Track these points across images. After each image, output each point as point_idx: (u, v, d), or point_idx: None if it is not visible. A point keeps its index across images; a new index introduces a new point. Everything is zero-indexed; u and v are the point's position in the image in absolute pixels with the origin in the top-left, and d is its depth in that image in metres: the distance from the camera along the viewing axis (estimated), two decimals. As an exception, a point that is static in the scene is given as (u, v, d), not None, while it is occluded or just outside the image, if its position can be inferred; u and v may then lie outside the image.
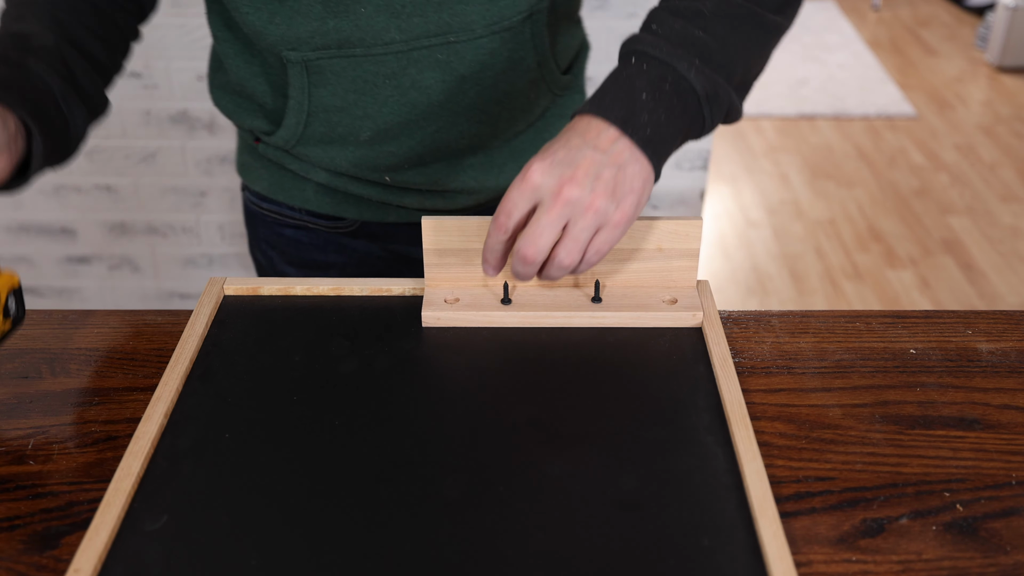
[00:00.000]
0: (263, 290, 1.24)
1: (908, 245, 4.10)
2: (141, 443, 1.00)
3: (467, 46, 1.28)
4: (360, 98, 1.30)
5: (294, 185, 1.49)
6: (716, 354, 1.12)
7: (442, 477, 0.96)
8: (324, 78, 1.29)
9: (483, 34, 1.27)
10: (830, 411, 1.08)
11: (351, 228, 1.52)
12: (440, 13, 1.24)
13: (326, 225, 1.52)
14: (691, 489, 0.95)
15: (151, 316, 1.24)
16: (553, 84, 1.42)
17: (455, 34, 1.26)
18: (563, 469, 0.97)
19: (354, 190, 1.44)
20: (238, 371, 1.11)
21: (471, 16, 1.25)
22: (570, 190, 1.02)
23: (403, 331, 1.17)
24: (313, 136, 1.36)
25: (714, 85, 1.09)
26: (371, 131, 1.33)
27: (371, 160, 1.37)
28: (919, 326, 1.22)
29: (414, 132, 1.34)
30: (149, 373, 1.14)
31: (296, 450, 1.00)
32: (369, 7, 1.22)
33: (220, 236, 3.05)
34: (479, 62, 1.30)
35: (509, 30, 1.29)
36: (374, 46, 1.26)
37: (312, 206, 1.49)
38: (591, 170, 1.03)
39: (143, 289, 3.17)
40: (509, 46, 1.30)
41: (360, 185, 1.43)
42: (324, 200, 1.48)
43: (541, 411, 1.04)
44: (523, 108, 1.40)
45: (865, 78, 5.76)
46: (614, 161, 1.04)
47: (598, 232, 1.05)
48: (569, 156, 1.04)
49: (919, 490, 0.97)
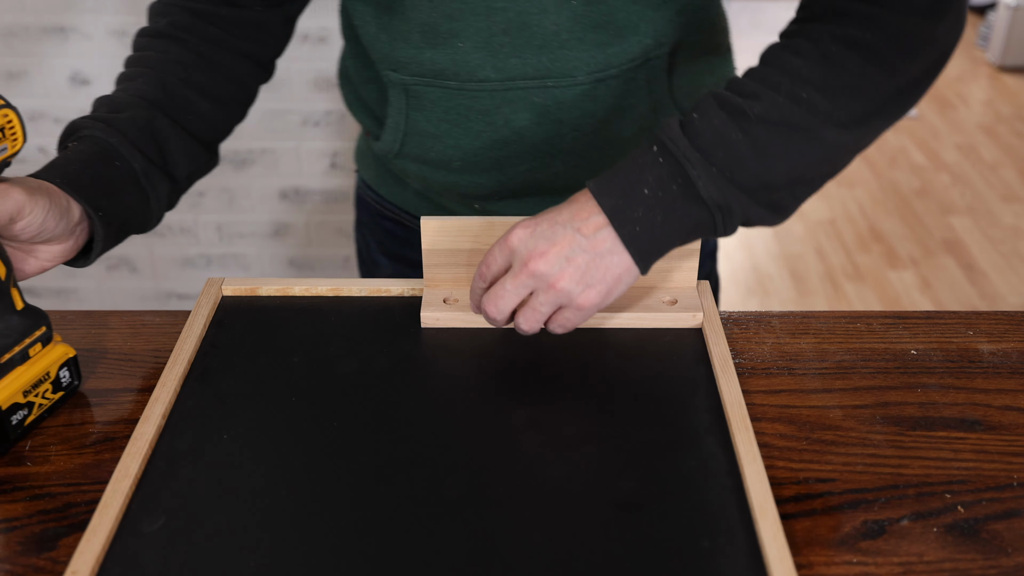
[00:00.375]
0: (261, 290, 1.24)
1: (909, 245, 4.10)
2: (139, 444, 1.00)
3: (567, 91, 1.24)
4: (452, 128, 1.29)
5: (395, 183, 1.50)
6: (716, 355, 1.12)
7: (441, 478, 0.96)
8: (420, 103, 1.29)
9: (585, 81, 1.23)
10: (831, 412, 1.08)
11: None
12: (539, 56, 1.21)
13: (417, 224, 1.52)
14: (691, 490, 0.95)
15: (149, 317, 1.24)
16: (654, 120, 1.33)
17: (554, 79, 1.23)
18: (563, 470, 0.97)
19: (447, 205, 1.44)
20: (236, 372, 1.11)
21: (573, 63, 1.21)
22: (537, 264, 1.03)
23: (402, 332, 1.17)
24: (409, 154, 1.36)
25: (727, 198, 1.03)
26: (461, 161, 1.32)
27: (462, 188, 1.37)
28: (920, 327, 1.22)
29: (505, 168, 1.32)
30: (147, 374, 1.14)
31: (294, 451, 1.00)
32: (467, 43, 1.21)
33: (218, 236, 3.05)
34: (579, 108, 1.25)
35: (617, 78, 1.24)
36: (468, 81, 1.24)
37: (410, 207, 1.50)
38: (565, 251, 1.03)
39: (141, 289, 3.17)
40: (616, 93, 1.25)
41: (454, 203, 1.43)
42: (422, 205, 1.49)
43: (540, 412, 1.04)
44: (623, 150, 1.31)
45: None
46: (593, 248, 1.03)
47: (560, 309, 1.06)
48: (551, 231, 1.04)
49: (920, 492, 0.97)
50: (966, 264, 3.97)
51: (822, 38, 1.05)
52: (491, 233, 1.18)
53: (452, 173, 1.35)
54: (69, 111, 2.79)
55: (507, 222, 1.17)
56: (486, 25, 1.19)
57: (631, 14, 1.19)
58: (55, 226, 1.06)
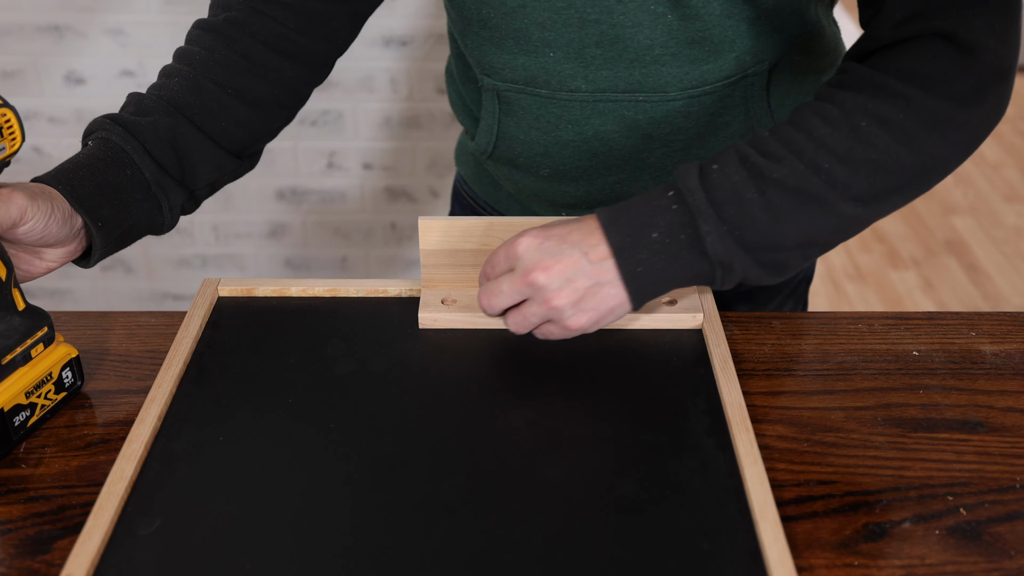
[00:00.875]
0: (258, 291, 1.24)
1: (911, 246, 4.10)
2: (134, 446, 1.00)
3: (657, 106, 1.23)
4: (542, 136, 1.30)
5: (491, 184, 1.51)
6: (716, 356, 1.12)
7: (439, 480, 0.96)
8: (511, 108, 1.30)
9: (678, 97, 1.22)
10: (832, 414, 1.08)
11: None
12: (632, 70, 1.21)
13: None
14: (691, 493, 0.95)
15: (144, 317, 1.24)
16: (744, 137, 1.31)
17: (645, 94, 1.22)
18: (562, 473, 0.97)
19: (537, 210, 1.45)
20: (232, 373, 1.11)
21: (665, 78, 1.21)
22: (538, 276, 1.04)
23: (399, 333, 1.17)
24: (501, 157, 1.37)
25: (731, 256, 1.04)
26: (550, 169, 1.33)
27: (549, 195, 1.37)
28: (922, 328, 1.22)
29: (593, 179, 1.33)
30: (142, 375, 1.14)
31: (291, 453, 1.00)
32: (559, 52, 1.21)
33: (214, 237, 3.04)
34: (670, 124, 1.25)
35: (711, 94, 1.23)
36: (559, 91, 1.25)
37: (503, 208, 1.52)
38: (568, 271, 1.04)
39: (136, 290, 3.17)
40: (710, 110, 1.25)
41: (543, 208, 1.43)
42: (513, 207, 1.50)
43: (539, 414, 1.05)
44: None
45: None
46: (596, 275, 1.05)
47: (549, 322, 1.08)
48: (558, 248, 1.05)
49: (922, 494, 0.97)
50: (968, 265, 3.97)
51: (854, 110, 1.04)
52: (490, 234, 1.18)
53: (540, 180, 1.36)
54: (64, 110, 2.79)
55: (507, 223, 1.17)
56: (579, 36, 1.19)
57: (726, 30, 1.18)
58: (58, 231, 1.06)
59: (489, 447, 1.00)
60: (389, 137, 2.82)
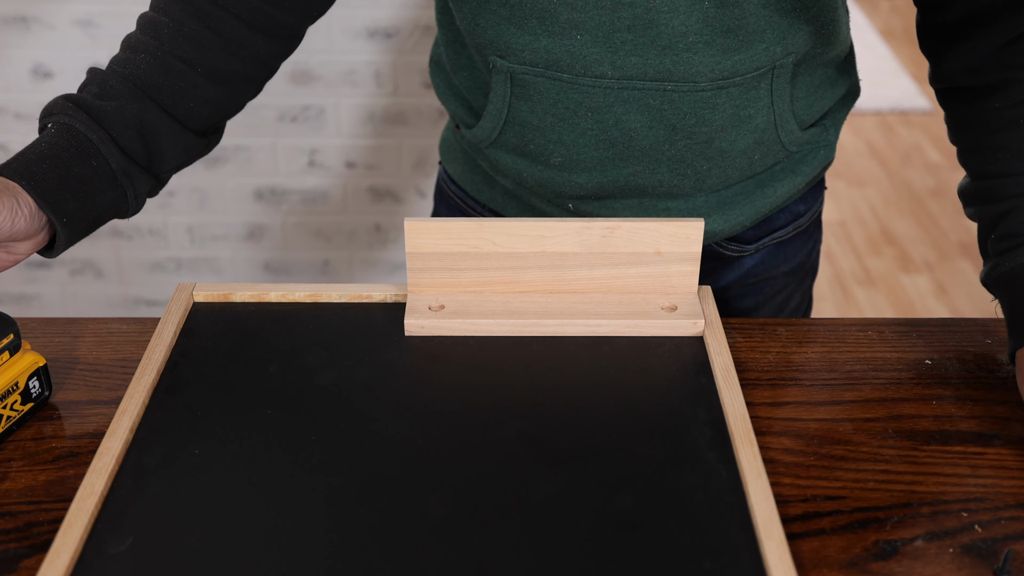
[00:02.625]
0: (235, 296, 1.24)
1: (923, 248, 4.10)
2: (105, 460, 0.99)
3: (685, 97, 1.24)
4: (557, 123, 1.29)
5: (483, 181, 1.50)
6: (718, 364, 1.12)
7: (426, 496, 0.96)
8: (526, 92, 1.29)
9: (707, 88, 1.23)
10: (840, 426, 1.08)
11: None
12: (662, 58, 1.21)
13: None
14: (692, 509, 0.95)
15: (115, 324, 1.24)
16: (789, 143, 1.34)
17: (674, 83, 1.23)
18: (555, 487, 0.97)
19: (538, 205, 1.44)
20: (208, 383, 1.11)
21: (697, 67, 1.21)
22: None
23: (385, 340, 1.17)
24: (506, 144, 1.36)
25: None
26: (562, 157, 1.32)
27: (557, 185, 1.36)
28: (935, 335, 1.22)
29: (607, 169, 1.32)
30: (113, 385, 1.14)
31: (270, 467, 1.00)
32: (586, 36, 1.21)
33: (189, 239, 3.04)
34: (696, 116, 1.26)
35: (739, 86, 1.25)
36: (583, 76, 1.24)
37: (496, 206, 1.51)
38: None
39: (107, 295, 3.17)
40: (736, 102, 1.26)
41: (545, 203, 1.43)
42: (509, 204, 1.49)
43: (532, 426, 1.05)
44: (741, 167, 1.34)
45: (877, 70, 5.77)
46: None
47: None
48: None
49: (935, 510, 0.98)
50: (984, 268, 3.97)
51: None
52: (480, 236, 1.18)
53: (549, 169, 1.35)
54: (31, 106, 2.78)
55: (498, 225, 1.17)
56: (610, 19, 1.19)
57: (761, 19, 1.19)
58: (27, 227, 1.07)
59: (479, 461, 1.00)
60: (373, 134, 2.82)
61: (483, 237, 1.18)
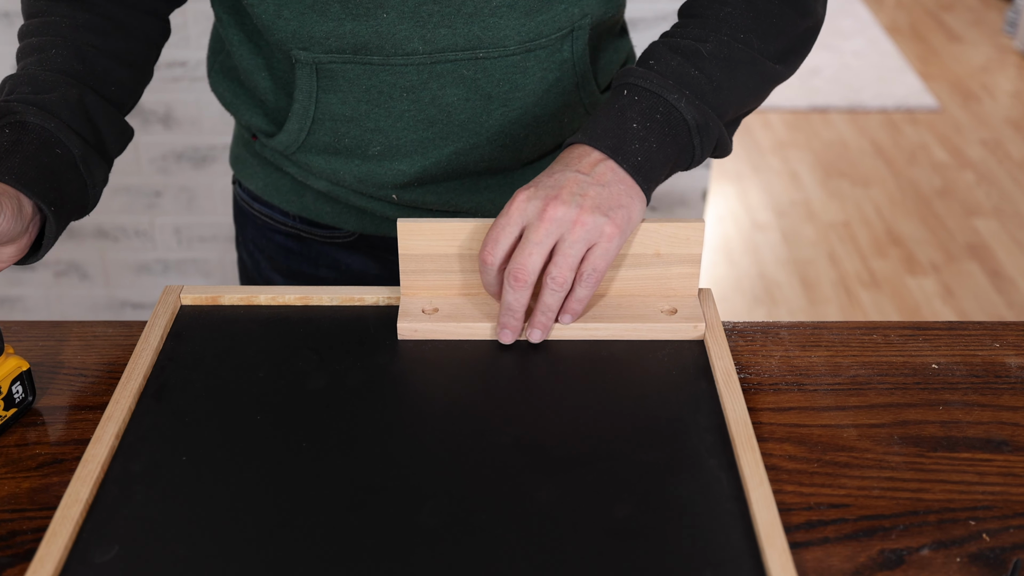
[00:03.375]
0: (223, 299, 1.24)
1: (930, 250, 4.11)
2: (90, 467, 0.99)
3: (497, 63, 1.28)
4: (372, 109, 1.30)
5: (291, 189, 1.49)
6: (719, 369, 1.12)
7: (420, 504, 0.96)
8: (335, 83, 1.29)
9: (516, 51, 1.28)
10: (844, 432, 1.08)
11: (349, 239, 1.51)
12: (470, 26, 1.24)
13: (321, 235, 1.52)
14: (692, 517, 0.95)
15: (101, 328, 1.24)
16: (590, 104, 1.42)
17: (485, 49, 1.26)
18: (552, 495, 0.97)
19: (356, 202, 1.44)
20: (196, 388, 1.11)
21: (504, 31, 1.25)
22: (555, 208, 1.10)
23: (377, 344, 1.17)
24: (316, 145, 1.36)
25: (704, 116, 1.19)
26: (381, 146, 1.33)
27: (378, 176, 1.37)
28: (942, 339, 1.22)
29: (429, 151, 1.34)
30: (99, 390, 1.14)
31: (259, 474, 1.00)
32: (392, 13, 1.22)
33: (176, 240, 3.04)
34: (509, 82, 1.30)
35: (545, 48, 1.30)
36: (394, 55, 1.25)
37: (309, 214, 1.49)
38: (576, 189, 1.11)
39: (92, 298, 3.17)
40: (544, 66, 1.32)
41: (364, 199, 1.43)
42: (323, 209, 1.48)
43: (528, 432, 1.05)
44: (553, 132, 1.40)
45: (883, 67, 5.77)
46: (598, 181, 1.12)
47: (591, 249, 1.12)
48: (551, 180, 1.13)
49: (942, 518, 0.98)
50: (992, 271, 3.98)
51: None
52: (475, 236, 1.18)
53: (368, 161, 1.36)
54: None
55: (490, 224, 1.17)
56: None
57: None
58: (10, 228, 1.07)
59: (474, 467, 1.00)
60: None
61: (478, 238, 1.18)
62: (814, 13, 1.28)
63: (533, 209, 1.11)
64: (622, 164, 1.14)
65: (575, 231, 1.10)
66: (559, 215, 1.09)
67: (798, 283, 3.92)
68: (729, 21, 1.23)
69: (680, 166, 1.21)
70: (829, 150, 4.91)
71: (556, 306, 1.13)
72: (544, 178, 1.14)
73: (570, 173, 1.13)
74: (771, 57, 1.25)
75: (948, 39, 6.20)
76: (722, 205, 4.43)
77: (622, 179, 1.14)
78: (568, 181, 1.12)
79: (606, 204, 1.11)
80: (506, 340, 1.15)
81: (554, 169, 1.15)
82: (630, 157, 1.15)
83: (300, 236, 1.53)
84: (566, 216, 1.10)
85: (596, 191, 1.11)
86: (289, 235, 1.54)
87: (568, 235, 1.10)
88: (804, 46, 1.30)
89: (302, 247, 1.54)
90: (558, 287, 1.11)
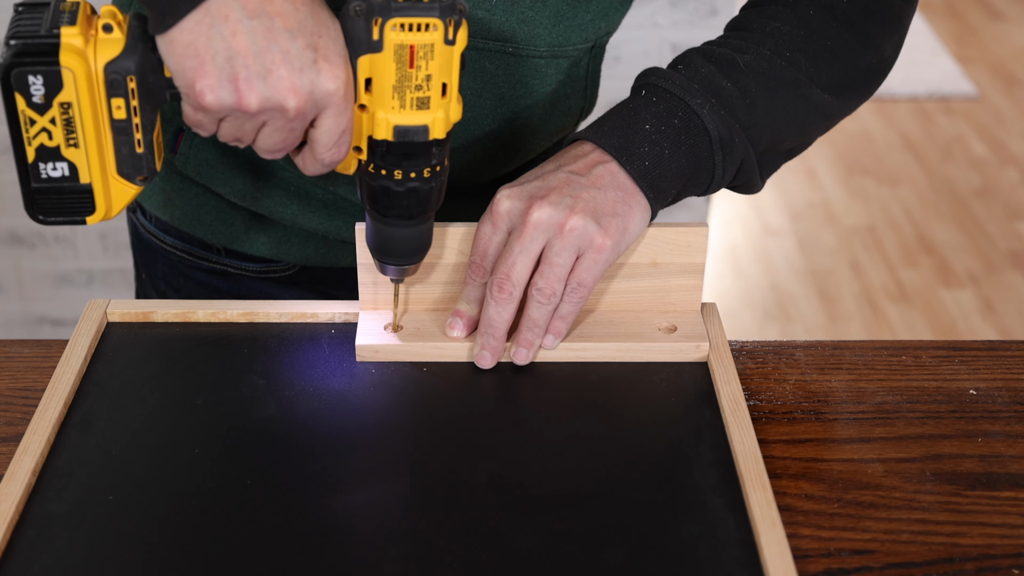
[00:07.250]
0: (156, 315, 1.24)
1: (967, 259, 4.12)
2: (3, 507, 0.99)
3: (522, 63, 1.27)
4: None
5: (216, 217, 1.42)
6: (725, 395, 1.12)
7: (382, 551, 0.96)
8: None
9: (544, 54, 1.28)
10: (869, 467, 1.08)
11: (288, 272, 1.47)
12: (508, 15, 1.23)
13: (253, 270, 1.46)
14: (694, 564, 0.95)
15: (15, 347, 1.24)
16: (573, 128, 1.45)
17: (516, 45, 1.26)
18: (533, 540, 0.97)
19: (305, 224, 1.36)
20: (125, 417, 1.11)
21: (537, 28, 1.25)
22: (540, 210, 1.10)
23: (332, 367, 1.17)
24: None
25: (730, 131, 1.17)
26: None
27: None
28: (981, 360, 1.23)
29: None
30: (13, 419, 1.14)
31: (197, 516, 1.00)
32: None
33: (102, 248, 3.04)
34: (525, 86, 1.30)
35: (569, 58, 1.31)
36: None
37: (239, 245, 1.43)
38: (567, 191, 1.11)
39: (5, 313, 3.16)
40: (561, 78, 1.33)
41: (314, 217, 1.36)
42: (258, 239, 1.41)
43: (506, 468, 1.05)
44: (543, 153, 1.42)
45: (912, 48, 5.78)
46: (594, 184, 1.12)
47: (578, 259, 1.12)
48: (541, 180, 1.13)
49: (980, 566, 0.98)
50: (1038, 282, 3.99)
51: (800, 2, 1.23)
52: (440, 242, 1.18)
53: None
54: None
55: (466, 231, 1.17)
56: None
57: None
58: None
59: (444, 509, 1.00)
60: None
61: (445, 244, 1.18)
62: (879, 49, 1.26)
63: (518, 209, 1.12)
64: (626, 166, 1.14)
65: (563, 236, 1.10)
66: (544, 218, 1.10)
67: (816, 296, 3.93)
68: (776, 36, 1.21)
69: (696, 185, 1.19)
70: (851, 144, 4.91)
71: (544, 321, 1.13)
72: (532, 176, 1.14)
73: (562, 173, 1.13)
74: (822, 85, 1.22)
75: (988, 16, 6.22)
76: (728, 207, 4.43)
77: (622, 185, 1.14)
78: (559, 182, 1.12)
79: (600, 210, 1.11)
80: (484, 364, 1.15)
81: (545, 168, 1.15)
82: (636, 160, 1.14)
83: (227, 272, 1.48)
84: (552, 219, 1.10)
85: (590, 195, 1.11)
86: (212, 272, 1.48)
87: (555, 241, 1.10)
88: (865, 85, 1.27)
89: (230, 285, 1.48)
90: (545, 299, 1.11)
